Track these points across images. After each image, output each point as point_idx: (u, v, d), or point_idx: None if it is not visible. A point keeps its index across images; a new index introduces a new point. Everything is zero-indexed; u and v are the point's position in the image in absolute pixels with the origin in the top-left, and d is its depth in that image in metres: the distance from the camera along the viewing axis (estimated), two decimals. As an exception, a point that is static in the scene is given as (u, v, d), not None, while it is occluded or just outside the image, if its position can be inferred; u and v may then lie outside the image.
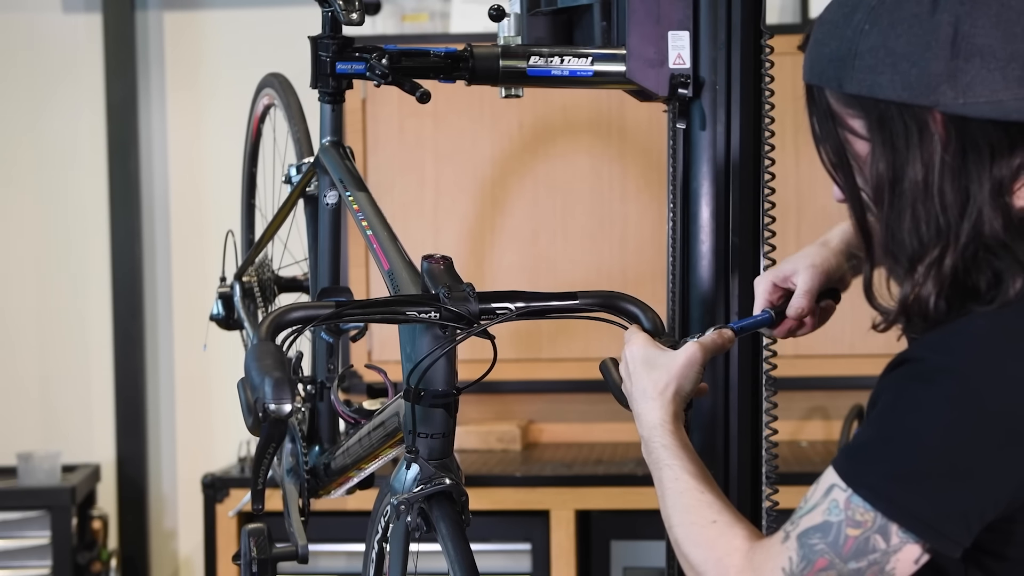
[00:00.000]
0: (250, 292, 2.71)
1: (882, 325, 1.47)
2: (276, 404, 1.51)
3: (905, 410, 1.37)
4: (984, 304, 1.39)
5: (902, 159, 1.41)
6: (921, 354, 1.39)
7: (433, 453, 1.76)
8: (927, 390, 1.36)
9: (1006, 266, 1.38)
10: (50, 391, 4.07)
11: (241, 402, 1.56)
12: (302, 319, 1.66)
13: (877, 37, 1.41)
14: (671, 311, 2.01)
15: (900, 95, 1.39)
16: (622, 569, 3.45)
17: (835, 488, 1.39)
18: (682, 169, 1.99)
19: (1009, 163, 1.39)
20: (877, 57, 1.40)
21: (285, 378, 1.52)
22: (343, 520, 3.29)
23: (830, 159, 1.49)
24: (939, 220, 1.39)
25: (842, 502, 1.38)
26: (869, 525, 1.37)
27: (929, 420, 1.35)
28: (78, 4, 4.02)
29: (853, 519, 1.37)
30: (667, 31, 1.97)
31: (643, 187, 3.67)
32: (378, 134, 3.74)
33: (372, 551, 2.00)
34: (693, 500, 1.52)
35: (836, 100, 1.46)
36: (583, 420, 3.83)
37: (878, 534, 1.36)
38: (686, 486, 1.54)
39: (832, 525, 1.38)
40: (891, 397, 1.39)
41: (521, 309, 1.73)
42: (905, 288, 1.43)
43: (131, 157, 3.97)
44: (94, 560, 3.79)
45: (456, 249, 3.69)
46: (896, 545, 1.36)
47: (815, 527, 1.39)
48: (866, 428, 1.41)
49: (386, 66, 1.94)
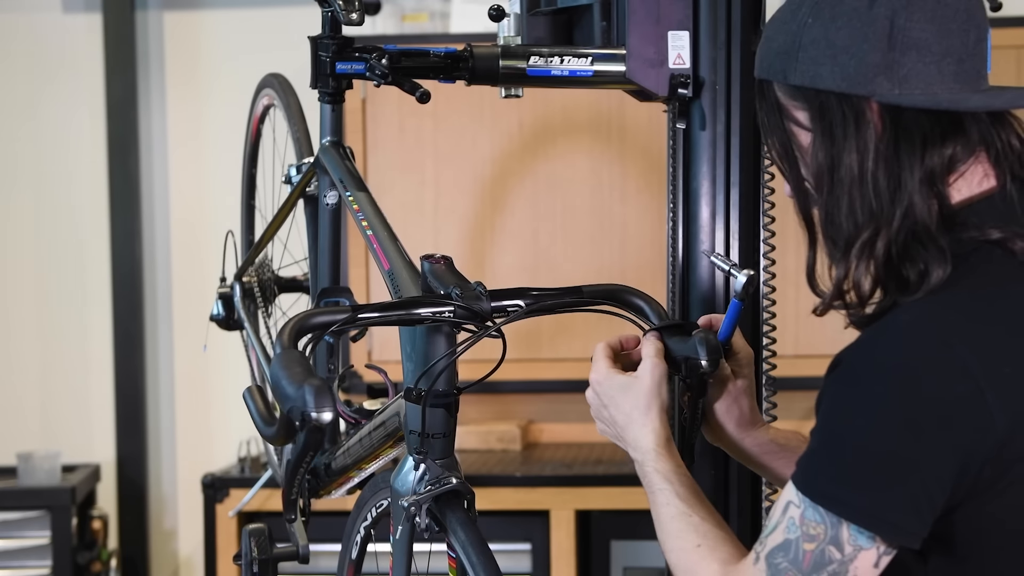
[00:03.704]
0: (250, 292, 2.71)
1: (819, 309, 1.53)
2: (318, 412, 1.46)
3: (840, 414, 1.41)
4: (911, 295, 1.43)
5: (839, 147, 1.47)
6: (850, 356, 1.43)
7: (434, 453, 1.75)
8: (856, 390, 1.40)
9: (932, 256, 1.43)
10: (50, 391, 4.07)
11: (252, 412, 1.53)
12: (322, 324, 1.64)
13: (819, 30, 1.47)
14: (671, 311, 2.01)
15: (839, 85, 1.45)
16: (622, 569, 3.46)
17: (790, 505, 1.43)
18: (682, 169, 1.99)
19: (941, 153, 1.44)
20: (818, 49, 1.47)
21: (325, 385, 1.49)
22: (343, 520, 3.28)
23: (777, 151, 1.56)
24: (872, 204, 1.45)
25: (797, 518, 1.42)
26: (822, 537, 1.41)
27: (863, 418, 1.39)
28: (78, 4, 4.02)
29: (808, 534, 1.41)
30: (667, 31, 1.97)
31: (643, 187, 3.67)
32: (378, 134, 3.74)
33: (356, 535, 2.00)
34: (683, 524, 1.55)
35: (782, 93, 1.52)
36: (583, 420, 3.80)
37: (831, 545, 1.40)
38: (677, 510, 1.57)
39: (791, 543, 1.43)
40: (828, 404, 1.44)
41: (531, 305, 1.73)
42: (839, 271, 1.49)
43: (131, 157, 3.97)
44: (94, 560, 3.79)
45: (456, 249, 3.69)
46: (850, 554, 1.40)
47: (778, 546, 1.44)
48: (812, 438, 1.45)
49: (386, 66, 1.94)
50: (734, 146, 1.96)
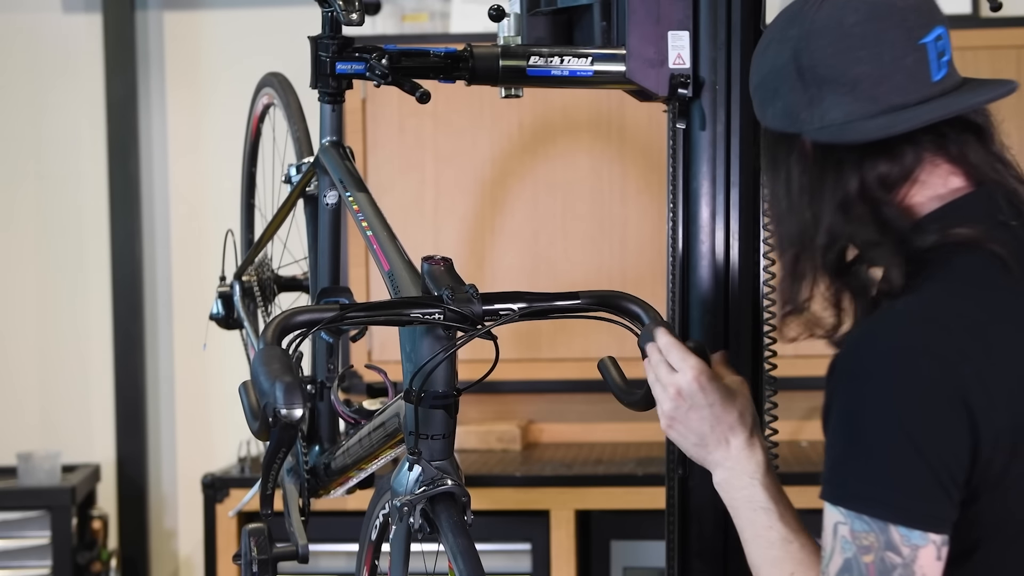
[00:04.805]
0: (250, 291, 2.71)
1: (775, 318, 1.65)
2: (287, 409, 1.50)
3: (853, 415, 1.44)
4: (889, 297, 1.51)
5: (777, 177, 1.60)
6: (848, 356, 1.47)
7: (434, 454, 1.75)
8: (864, 386, 1.43)
9: (887, 260, 1.52)
10: (50, 391, 4.07)
11: (244, 406, 1.55)
12: (307, 323, 1.66)
13: (756, 75, 1.62)
14: (671, 311, 2.01)
15: (780, 125, 1.58)
16: (622, 569, 3.46)
17: (839, 525, 1.44)
18: (682, 169, 1.99)
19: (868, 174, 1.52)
20: (762, 93, 1.61)
21: (296, 383, 1.52)
22: (343, 520, 3.29)
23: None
24: (801, 226, 1.56)
25: (848, 535, 1.43)
26: (876, 546, 1.41)
27: (875, 413, 1.41)
28: (78, 4, 4.02)
29: (862, 546, 1.42)
30: (667, 31, 1.97)
31: (643, 187, 3.67)
32: (378, 134, 3.74)
33: (372, 530, 2.00)
34: (782, 552, 1.56)
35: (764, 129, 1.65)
36: (583, 420, 3.83)
37: (887, 551, 1.41)
38: (779, 536, 1.58)
39: (851, 561, 1.43)
40: (838, 408, 1.46)
41: (524, 310, 1.73)
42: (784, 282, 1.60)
43: (131, 157, 3.97)
44: (94, 560, 3.79)
45: (456, 249, 3.69)
46: (909, 555, 1.40)
47: (842, 569, 1.44)
48: (829, 448, 1.47)
49: (386, 66, 1.94)
50: (734, 146, 1.96)
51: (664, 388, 1.67)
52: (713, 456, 1.64)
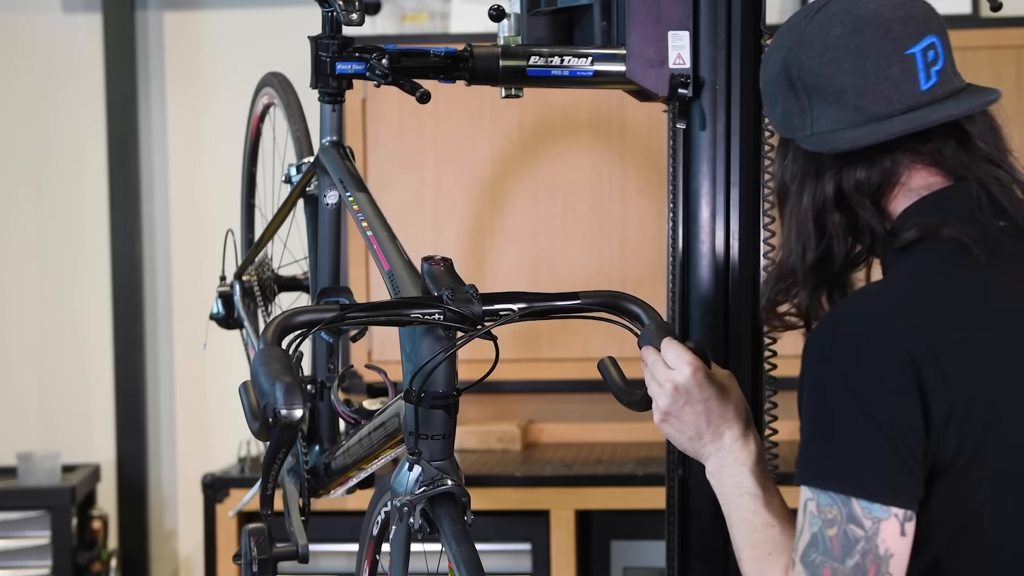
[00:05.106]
0: (250, 291, 2.71)
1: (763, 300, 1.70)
2: (287, 409, 1.51)
3: (816, 393, 1.50)
4: None
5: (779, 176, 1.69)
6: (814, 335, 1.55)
7: (434, 455, 1.75)
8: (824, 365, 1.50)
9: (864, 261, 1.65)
10: (50, 391, 4.07)
11: (244, 406, 1.56)
12: (307, 323, 1.66)
13: (761, 80, 1.71)
14: (671, 311, 2.01)
15: (780, 130, 1.68)
16: (622, 569, 3.46)
17: (808, 502, 1.49)
18: (682, 169, 1.99)
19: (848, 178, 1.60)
20: (766, 98, 1.70)
21: (296, 383, 1.52)
22: (343, 520, 3.29)
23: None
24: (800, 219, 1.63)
25: (815, 510, 1.48)
26: (840, 519, 1.46)
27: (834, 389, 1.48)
28: (78, 4, 4.02)
29: (827, 519, 1.47)
30: (667, 31, 1.97)
31: (643, 187, 3.67)
32: (378, 134, 3.74)
33: (373, 527, 2.00)
34: (764, 536, 1.60)
35: None
36: (583, 420, 3.83)
37: (850, 524, 1.45)
38: (763, 521, 1.61)
39: (817, 536, 1.48)
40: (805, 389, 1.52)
41: (524, 310, 1.73)
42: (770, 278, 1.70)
43: (131, 157, 3.97)
44: (94, 560, 3.79)
45: (456, 249, 3.69)
46: (871, 528, 1.45)
47: (808, 544, 1.48)
48: (801, 429, 1.53)
49: (386, 66, 1.94)
50: (734, 146, 1.96)
51: (660, 384, 1.69)
52: (707, 448, 1.68)
